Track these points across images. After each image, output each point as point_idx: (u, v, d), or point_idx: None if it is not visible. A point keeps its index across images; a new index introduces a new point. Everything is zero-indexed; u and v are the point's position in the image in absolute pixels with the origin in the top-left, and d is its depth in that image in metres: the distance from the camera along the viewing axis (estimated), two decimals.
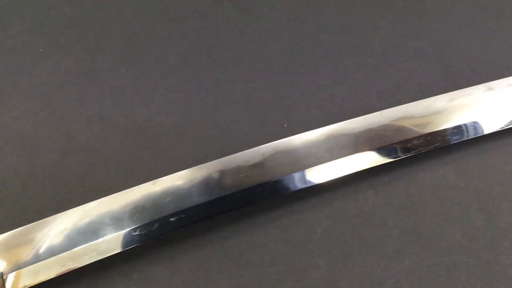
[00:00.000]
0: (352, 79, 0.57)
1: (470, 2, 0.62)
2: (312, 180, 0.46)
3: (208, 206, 0.45)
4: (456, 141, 0.49)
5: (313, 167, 0.46)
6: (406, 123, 0.48)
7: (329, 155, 0.47)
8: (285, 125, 0.54)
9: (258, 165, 0.46)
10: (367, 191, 0.50)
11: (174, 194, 0.44)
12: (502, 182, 0.49)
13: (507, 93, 0.49)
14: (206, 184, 0.45)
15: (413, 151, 0.47)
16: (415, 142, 0.47)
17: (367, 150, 0.47)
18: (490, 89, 0.49)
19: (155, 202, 0.44)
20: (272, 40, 0.61)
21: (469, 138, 0.49)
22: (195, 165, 0.47)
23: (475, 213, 0.47)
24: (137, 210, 0.43)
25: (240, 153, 0.47)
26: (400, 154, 0.47)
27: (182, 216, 0.44)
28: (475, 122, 0.49)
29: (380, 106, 0.53)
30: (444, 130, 0.48)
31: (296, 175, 0.46)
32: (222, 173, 0.46)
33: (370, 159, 0.47)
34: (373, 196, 0.49)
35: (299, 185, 0.46)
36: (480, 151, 0.51)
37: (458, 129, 0.48)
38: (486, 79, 0.53)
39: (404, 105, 0.49)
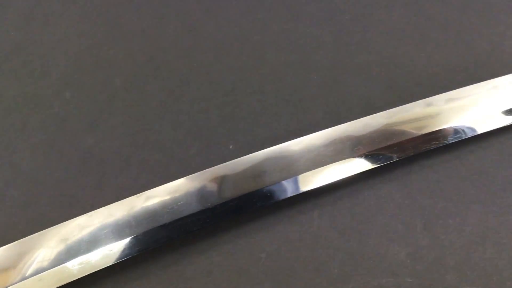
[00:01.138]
0: (298, 97, 0.56)
1: (414, 15, 0.61)
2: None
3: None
4: (398, 159, 0.48)
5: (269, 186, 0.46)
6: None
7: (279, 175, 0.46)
8: (231, 147, 0.54)
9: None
10: (312, 212, 0.49)
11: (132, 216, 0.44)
12: (446, 199, 0.48)
13: (445, 108, 0.49)
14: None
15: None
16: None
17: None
18: (429, 104, 0.49)
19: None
20: (218, 60, 0.60)
21: (411, 155, 0.48)
22: (140, 192, 0.46)
23: (420, 232, 0.47)
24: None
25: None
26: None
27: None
28: (415, 138, 0.48)
29: (325, 123, 0.53)
30: (381, 149, 0.47)
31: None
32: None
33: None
34: (318, 217, 0.49)
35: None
36: (423, 167, 0.50)
37: (397, 147, 0.47)
38: (430, 93, 0.52)
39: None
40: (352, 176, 0.48)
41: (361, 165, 0.48)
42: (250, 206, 0.46)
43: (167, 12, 0.65)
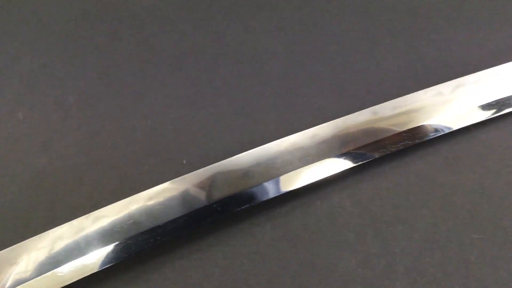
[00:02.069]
0: (251, 109, 0.56)
1: (364, 23, 0.62)
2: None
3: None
4: (350, 167, 0.49)
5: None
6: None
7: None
8: (184, 162, 0.53)
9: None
10: (264, 224, 0.49)
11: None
12: (396, 206, 0.49)
13: (394, 115, 0.49)
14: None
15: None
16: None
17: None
18: (375, 113, 0.49)
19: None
20: (172, 74, 0.60)
21: (358, 164, 0.49)
22: (93, 211, 0.46)
23: (370, 239, 0.47)
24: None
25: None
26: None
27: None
28: (363, 147, 0.48)
29: (279, 134, 0.53)
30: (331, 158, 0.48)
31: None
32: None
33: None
34: (271, 229, 0.49)
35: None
36: (373, 175, 0.51)
37: (346, 155, 0.48)
38: (380, 100, 0.53)
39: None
40: (304, 186, 0.48)
41: (313, 175, 0.48)
42: (201, 222, 0.46)
43: (119, 28, 0.65)
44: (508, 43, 0.58)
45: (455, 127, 0.50)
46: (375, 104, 0.52)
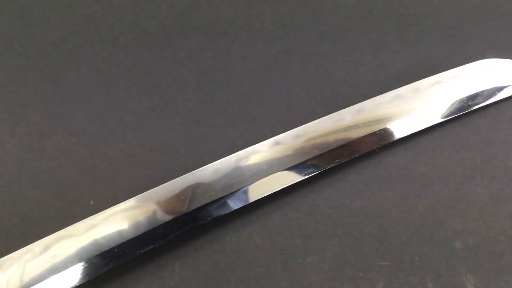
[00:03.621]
0: (161, 142, 0.55)
1: (274, 49, 0.61)
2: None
3: None
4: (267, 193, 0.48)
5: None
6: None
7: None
8: (91, 203, 0.52)
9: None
10: (172, 264, 0.48)
11: None
12: (305, 236, 0.48)
13: (295, 144, 0.49)
14: None
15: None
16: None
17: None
18: (278, 143, 0.49)
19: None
20: (78, 110, 0.58)
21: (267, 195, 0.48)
22: None
23: (279, 273, 0.46)
24: None
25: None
26: None
27: None
28: (266, 180, 0.48)
29: (188, 167, 0.51)
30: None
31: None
32: None
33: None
34: (179, 269, 0.47)
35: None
36: (282, 205, 0.50)
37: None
38: (291, 126, 0.52)
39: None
40: (214, 220, 0.47)
41: (221, 208, 0.47)
42: (103, 268, 0.45)
43: (25, 64, 0.63)
44: (413, 63, 0.59)
45: (369, 149, 0.50)
46: (286, 131, 0.52)
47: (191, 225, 0.46)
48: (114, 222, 0.45)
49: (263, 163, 0.48)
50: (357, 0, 0.63)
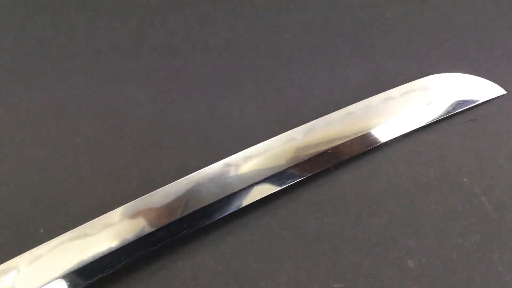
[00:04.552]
0: (112, 166, 0.54)
1: (227, 67, 0.61)
2: None
3: None
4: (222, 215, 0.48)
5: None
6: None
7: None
8: (41, 231, 0.50)
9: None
10: None
11: None
12: (259, 259, 0.47)
13: (248, 166, 0.48)
14: None
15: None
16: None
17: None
18: (228, 165, 0.48)
19: None
20: (29, 133, 0.57)
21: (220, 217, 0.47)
22: None
23: None
24: None
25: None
26: None
27: None
28: (219, 200, 0.47)
29: (141, 192, 0.50)
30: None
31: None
32: None
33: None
34: None
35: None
36: (236, 227, 0.49)
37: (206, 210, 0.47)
38: (245, 146, 0.51)
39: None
40: (165, 245, 0.46)
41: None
42: None
43: None
44: (367, 78, 0.58)
45: (314, 171, 0.49)
46: (239, 151, 0.51)
47: (141, 252, 0.45)
48: (59, 253, 0.44)
49: (213, 186, 0.47)
50: (311, 15, 0.63)
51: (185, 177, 0.48)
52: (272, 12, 0.62)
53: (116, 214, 0.45)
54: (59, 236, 0.45)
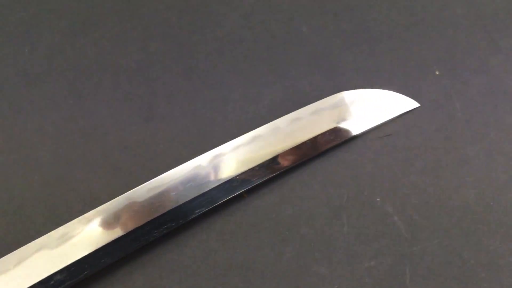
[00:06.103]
0: (16, 204, 0.51)
1: (138, 87, 0.58)
2: None
3: None
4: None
5: None
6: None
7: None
8: None
9: None
10: None
11: None
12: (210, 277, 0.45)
13: (145, 201, 0.46)
14: None
15: None
16: None
17: None
18: (130, 199, 0.45)
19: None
20: None
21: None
22: None
23: None
24: None
25: None
26: None
27: None
28: (139, 228, 0.45)
29: (46, 229, 0.47)
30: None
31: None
32: None
33: None
34: None
35: None
36: (144, 263, 0.47)
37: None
38: (155, 175, 0.49)
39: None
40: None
41: None
42: None
43: None
44: (282, 97, 0.57)
45: (223, 199, 0.47)
46: (149, 180, 0.48)
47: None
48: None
49: (114, 222, 0.45)
50: (225, 33, 0.61)
51: (95, 209, 0.45)
52: (185, 31, 0.60)
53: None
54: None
